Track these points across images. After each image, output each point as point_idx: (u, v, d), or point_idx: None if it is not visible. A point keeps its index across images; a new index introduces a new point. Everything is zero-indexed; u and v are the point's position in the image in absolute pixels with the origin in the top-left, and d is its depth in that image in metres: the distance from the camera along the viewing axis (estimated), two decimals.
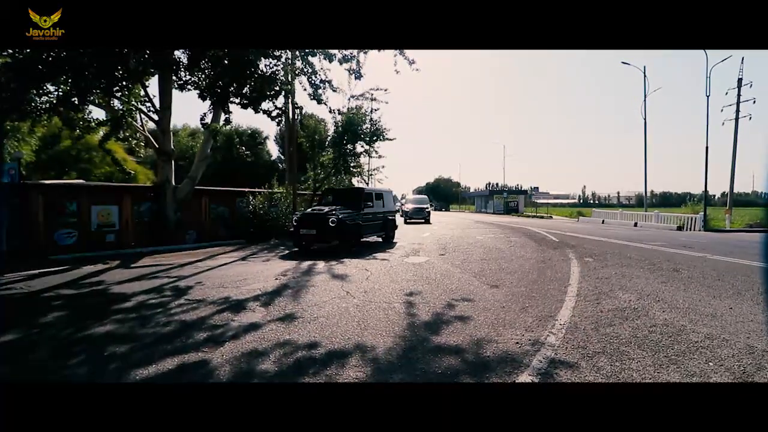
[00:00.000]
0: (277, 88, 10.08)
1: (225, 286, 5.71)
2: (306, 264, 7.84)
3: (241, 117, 53.75)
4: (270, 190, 14.51)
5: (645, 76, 27.23)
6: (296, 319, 4.09)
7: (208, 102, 10.18)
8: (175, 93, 10.77)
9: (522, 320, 4.05)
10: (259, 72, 9.40)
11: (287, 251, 9.97)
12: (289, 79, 10.23)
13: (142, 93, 10.23)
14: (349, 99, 14.46)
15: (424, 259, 8.35)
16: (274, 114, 10.55)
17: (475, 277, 6.40)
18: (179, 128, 37.29)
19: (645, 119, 27.82)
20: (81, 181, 12.76)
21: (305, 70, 10.08)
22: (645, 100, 27.73)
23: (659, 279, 6.08)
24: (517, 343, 3.38)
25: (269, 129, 44.53)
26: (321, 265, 7.70)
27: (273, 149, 42.74)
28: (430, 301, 4.83)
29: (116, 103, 10.32)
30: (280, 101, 10.79)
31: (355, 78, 10.11)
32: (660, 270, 6.87)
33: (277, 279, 6.26)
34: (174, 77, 9.73)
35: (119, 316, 4.28)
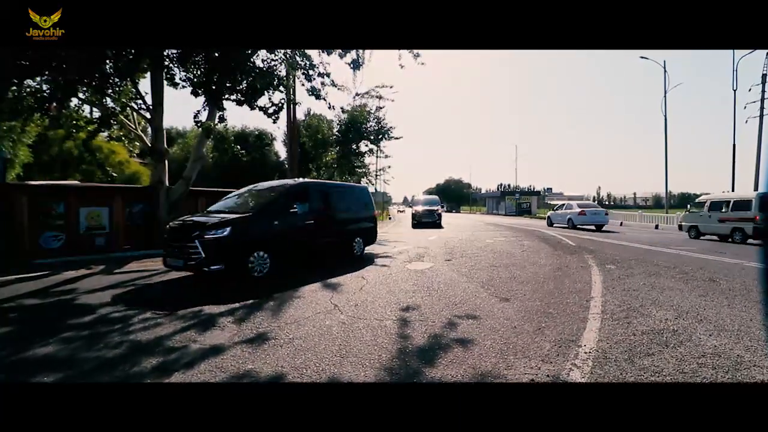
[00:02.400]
0: (275, 82, 9.56)
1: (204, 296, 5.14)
2: None
3: (249, 118, 53.83)
4: None
5: (665, 71, 26.02)
6: (267, 341, 3.47)
7: (204, 100, 9.74)
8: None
9: (537, 346, 3.35)
10: (250, 64, 8.87)
11: None
12: (287, 74, 9.70)
13: (134, 90, 9.81)
14: (353, 97, 13.90)
15: (428, 266, 7.66)
16: (270, 111, 10.03)
17: (482, 287, 5.70)
18: (188, 130, 37.25)
19: (665, 116, 26.59)
20: (77, 182, 12.45)
21: (302, 63, 9.53)
22: (665, 97, 26.53)
23: (696, 292, 5.29)
24: (533, 380, 2.69)
25: (278, 130, 44.32)
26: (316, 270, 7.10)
27: (281, 150, 42.47)
28: (429, 319, 4.16)
29: (108, 101, 9.95)
30: (278, 97, 10.25)
31: (354, 69, 9.51)
32: (695, 280, 6.06)
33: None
34: (165, 73, 9.27)
35: (70, 334, 3.73)
